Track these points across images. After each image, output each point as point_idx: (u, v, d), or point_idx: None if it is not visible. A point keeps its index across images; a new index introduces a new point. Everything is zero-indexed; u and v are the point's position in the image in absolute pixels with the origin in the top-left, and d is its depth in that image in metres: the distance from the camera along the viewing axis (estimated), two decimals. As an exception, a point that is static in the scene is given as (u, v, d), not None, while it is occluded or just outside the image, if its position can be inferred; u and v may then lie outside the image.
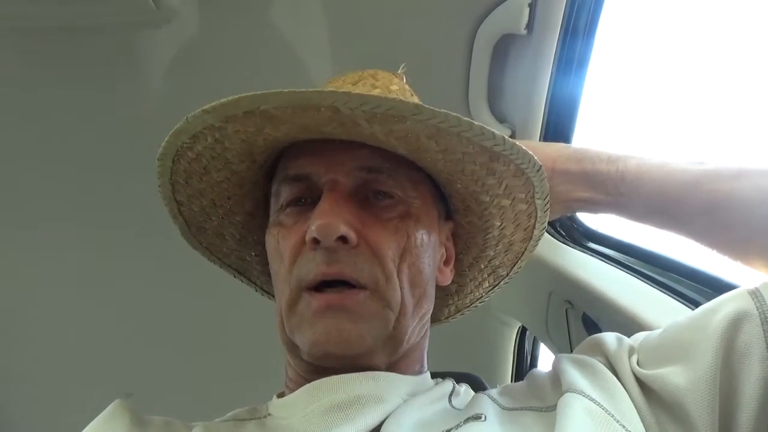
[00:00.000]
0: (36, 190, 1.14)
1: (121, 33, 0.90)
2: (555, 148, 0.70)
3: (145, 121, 1.01)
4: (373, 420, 0.51)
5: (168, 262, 1.18)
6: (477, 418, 0.53)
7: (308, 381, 0.57)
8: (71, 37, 0.90)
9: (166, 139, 0.57)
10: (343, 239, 0.53)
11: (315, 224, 0.52)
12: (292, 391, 0.59)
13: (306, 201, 0.59)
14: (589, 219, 1.07)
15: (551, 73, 0.89)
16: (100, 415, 0.56)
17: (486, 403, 0.57)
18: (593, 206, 0.67)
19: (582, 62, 0.90)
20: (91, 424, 0.55)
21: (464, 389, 0.64)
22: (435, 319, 0.78)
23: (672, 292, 0.79)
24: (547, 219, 0.63)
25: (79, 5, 0.83)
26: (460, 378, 0.71)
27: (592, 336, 0.63)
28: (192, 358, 1.47)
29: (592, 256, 0.98)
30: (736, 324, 0.50)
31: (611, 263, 0.93)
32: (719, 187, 0.57)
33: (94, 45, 0.91)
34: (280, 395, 0.62)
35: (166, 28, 0.88)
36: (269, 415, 0.59)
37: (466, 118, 0.50)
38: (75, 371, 1.47)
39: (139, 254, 1.25)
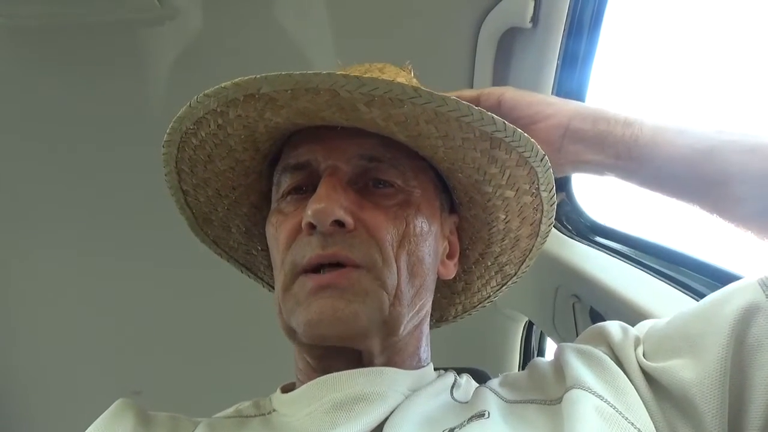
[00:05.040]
0: (41, 188, 1.15)
1: (125, 30, 0.90)
2: (573, 105, 0.66)
3: (149, 118, 1.01)
4: (376, 417, 0.51)
5: (174, 259, 1.19)
6: (480, 416, 0.52)
7: (314, 368, 0.58)
8: (75, 35, 0.90)
9: (170, 125, 0.58)
10: (339, 224, 0.53)
11: (311, 209, 0.52)
12: (300, 381, 0.60)
13: (307, 189, 0.58)
14: (595, 213, 1.06)
15: (556, 66, 0.89)
16: (104, 414, 0.56)
17: (488, 398, 0.56)
18: (602, 169, 0.64)
19: (587, 55, 0.89)
20: (95, 422, 0.55)
21: (465, 380, 0.64)
22: (443, 319, 0.78)
23: (680, 286, 0.78)
24: (554, 214, 0.62)
25: (82, 3, 0.83)
26: (467, 373, 0.71)
27: (595, 325, 0.62)
28: (197, 355, 1.48)
29: (598, 250, 0.98)
30: (747, 316, 0.49)
31: (618, 257, 0.92)
32: (734, 158, 0.55)
33: (98, 42, 0.91)
34: (285, 389, 0.62)
35: (170, 26, 0.89)
36: (274, 411, 0.59)
37: (465, 103, 0.50)
38: (80, 370, 1.47)
39: (145, 252, 1.26)
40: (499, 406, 0.55)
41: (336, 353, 0.55)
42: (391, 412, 0.52)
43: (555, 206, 0.61)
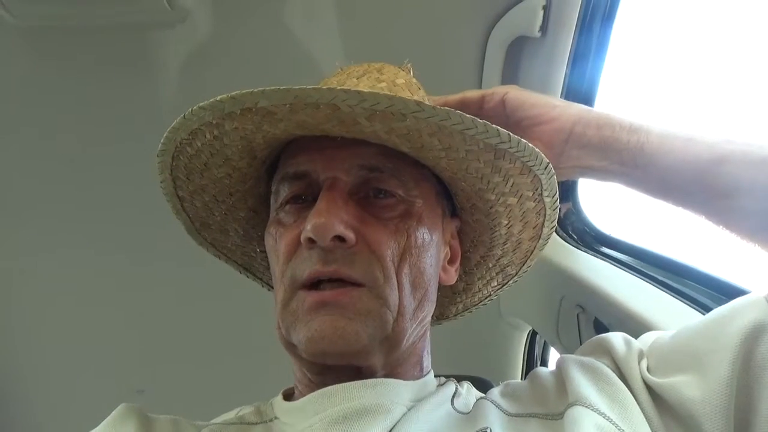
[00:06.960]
0: (48, 188, 1.15)
1: (135, 33, 0.91)
2: (577, 109, 0.64)
3: (158, 120, 1.01)
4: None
5: (178, 261, 1.19)
6: None
7: (312, 381, 0.57)
8: (85, 37, 0.91)
9: (164, 135, 0.57)
10: (340, 239, 0.52)
11: (310, 224, 0.51)
12: (300, 391, 0.59)
13: (306, 198, 0.58)
14: (601, 223, 1.06)
15: (565, 75, 0.89)
16: (106, 419, 0.56)
17: (490, 411, 0.56)
18: (605, 175, 0.63)
19: (596, 65, 0.89)
20: (98, 428, 0.55)
21: (466, 388, 0.63)
22: (443, 316, 0.77)
23: (685, 298, 0.78)
24: (557, 217, 0.62)
25: (94, 5, 0.84)
26: (469, 381, 0.71)
27: (597, 336, 0.62)
28: (200, 357, 1.48)
29: (604, 260, 0.97)
30: (754, 335, 0.48)
31: (623, 268, 0.92)
32: (743, 171, 0.54)
33: (109, 44, 0.92)
34: (287, 395, 0.61)
35: (180, 28, 0.89)
36: (276, 418, 0.58)
37: (469, 116, 0.49)
38: (83, 372, 1.47)
39: (149, 254, 1.26)
40: (501, 420, 0.54)
41: (335, 371, 0.55)
42: (394, 426, 0.51)
43: (557, 210, 0.61)
